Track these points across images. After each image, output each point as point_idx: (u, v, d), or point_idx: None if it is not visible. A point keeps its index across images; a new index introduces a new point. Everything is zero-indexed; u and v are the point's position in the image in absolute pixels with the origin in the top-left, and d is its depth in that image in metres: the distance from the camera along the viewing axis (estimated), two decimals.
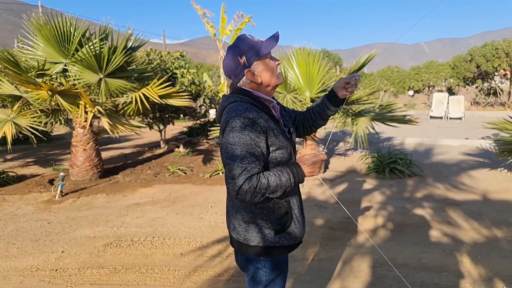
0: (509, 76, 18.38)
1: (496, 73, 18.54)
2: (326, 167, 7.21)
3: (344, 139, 10.29)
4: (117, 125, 6.29)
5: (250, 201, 1.51)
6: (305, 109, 2.02)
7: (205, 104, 11.78)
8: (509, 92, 18.70)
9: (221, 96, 11.89)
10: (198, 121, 11.88)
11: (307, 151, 6.50)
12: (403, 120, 6.15)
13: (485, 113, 16.83)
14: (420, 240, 3.78)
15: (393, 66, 22.18)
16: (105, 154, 8.74)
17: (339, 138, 10.47)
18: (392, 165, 6.48)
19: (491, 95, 19.28)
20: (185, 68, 9.72)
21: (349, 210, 4.66)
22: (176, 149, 9.29)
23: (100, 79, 6.26)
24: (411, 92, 20.85)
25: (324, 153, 1.85)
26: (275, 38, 1.65)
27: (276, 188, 1.53)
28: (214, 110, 14.97)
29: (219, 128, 6.30)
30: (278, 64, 1.71)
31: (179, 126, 13.64)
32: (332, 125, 3.27)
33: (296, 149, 1.90)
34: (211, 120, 12.17)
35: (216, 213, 4.82)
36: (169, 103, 6.99)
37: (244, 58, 1.62)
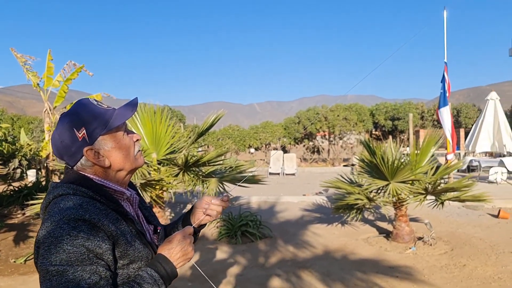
0: (327, 136, 21.86)
1: (318, 134, 21.80)
2: None
3: (191, 201, 9.80)
4: None
5: None
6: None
7: (21, 167, 9.56)
8: (328, 150, 22.15)
9: (44, 156, 9.96)
10: (12, 186, 9.50)
11: None
12: (253, 180, 6.10)
13: (312, 168, 19.12)
14: None
15: (234, 125, 23.53)
16: None
17: (187, 200, 9.92)
18: (243, 228, 6.28)
19: (315, 152, 22.38)
20: None
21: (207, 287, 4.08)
22: None
23: None
24: (252, 150, 22.32)
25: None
26: (132, 105, 1.17)
27: None
28: (34, 170, 12.56)
29: (42, 199, 4.96)
30: (138, 140, 1.20)
31: None
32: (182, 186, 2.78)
33: None
34: (29, 184, 9.89)
35: None
36: None
37: (84, 131, 1.09)
